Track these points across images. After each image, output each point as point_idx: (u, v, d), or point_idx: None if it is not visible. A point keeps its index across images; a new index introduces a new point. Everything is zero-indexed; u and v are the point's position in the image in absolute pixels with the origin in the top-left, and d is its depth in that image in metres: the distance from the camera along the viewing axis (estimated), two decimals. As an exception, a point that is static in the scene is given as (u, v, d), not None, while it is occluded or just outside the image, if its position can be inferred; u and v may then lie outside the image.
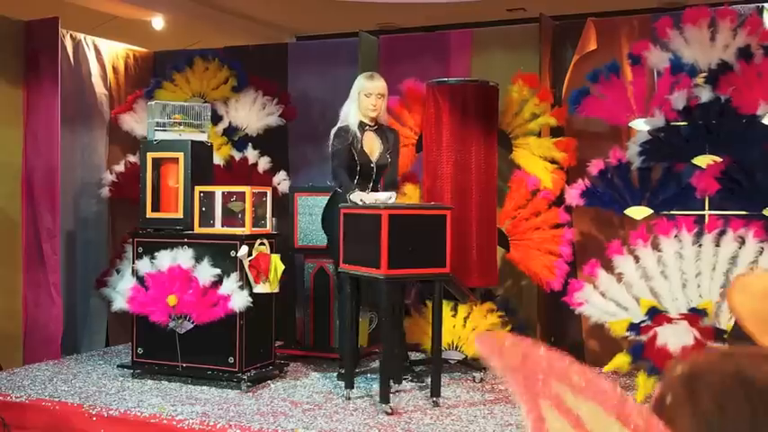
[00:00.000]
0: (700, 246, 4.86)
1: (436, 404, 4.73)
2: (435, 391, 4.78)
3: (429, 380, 4.93)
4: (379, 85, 5.20)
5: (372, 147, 5.19)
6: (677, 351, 4.75)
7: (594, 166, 5.24)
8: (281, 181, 6.54)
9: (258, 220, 5.36)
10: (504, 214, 5.71)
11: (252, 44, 7.25)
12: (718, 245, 4.84)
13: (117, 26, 7.11)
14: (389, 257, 4.52)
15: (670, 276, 4.89)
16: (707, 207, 4.99)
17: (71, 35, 6.67)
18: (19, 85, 6.36)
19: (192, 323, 5.21)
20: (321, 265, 5.98)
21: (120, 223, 6.85)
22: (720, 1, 5.13)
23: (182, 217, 5.43)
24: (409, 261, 4.63)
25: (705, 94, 4.92)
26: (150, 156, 5.50)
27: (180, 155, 5.43)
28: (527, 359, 1.18)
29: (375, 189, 5.14)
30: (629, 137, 5.39)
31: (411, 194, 5.82)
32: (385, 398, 4.64)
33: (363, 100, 5.17)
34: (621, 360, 4.91)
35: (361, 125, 5.18)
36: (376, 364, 5.50)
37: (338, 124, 5.21)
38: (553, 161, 5.66)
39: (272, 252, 5.32)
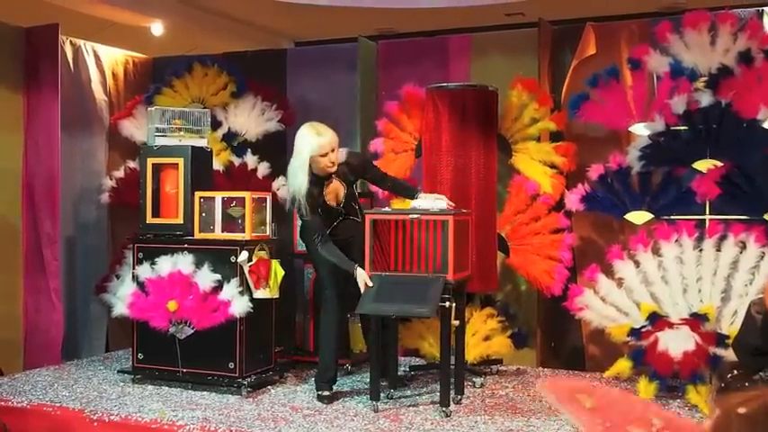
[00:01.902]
0: (700, 250, 4.84)
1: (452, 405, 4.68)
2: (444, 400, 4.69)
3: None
4: (329, 138, 4.74)
5: (337, 193, 4.95)
6: (678, 356, 4.72)
7: (594, 171, 5.21)
8: (281, 186, 6.49)
9: (258, 225, 5.33)
10: (503, 219, 5.68)
11: (250, 50, 7.22)
12: (719, 249, 4.81)
13: (116, 32, 7.08)
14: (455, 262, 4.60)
15: (671, 281, 4.86)
16: (707, 212, 4.96)
17: (71, 41, 6.64)
18: (19, 92, 6.34)
19: (193, 328, 5.18)
20: (321, 270, 5.93)
21: (120, 229, 6.82)
22: (721, 5, 5.09)
23: (182, 222, 5.41)
24: (460, 265, 4.78)
25: (705, 99, 4.89)
26: (150, 161, 5.49)
27: (180, 160, 5.41)
28: (603, 405, 1.15)
29: (349, 213, 5.01)
30: (629, 141, 5.35)
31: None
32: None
33: (319, 161, 4.73)
34: (622, 365, 4.88)
35: (318, 182, 4.82)
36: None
37: (288, 190, 4.92)
38: (553, 166, 5.63)
39: (271, 257, 5.29)
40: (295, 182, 4.81)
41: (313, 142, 4.74)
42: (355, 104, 6.42)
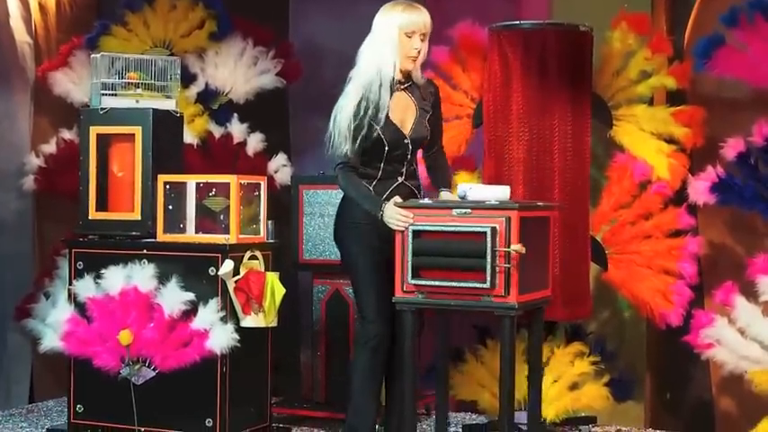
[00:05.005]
0: None
1: None
2: None
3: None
4: (423, 18, 4.88)
5: (405, 113, 4.93)
6: None
7: (731, 148, 5.24)
8: (280, 167, 6.56)
9: (248, 223, 5.36)
10: (599, 216, 5.70)
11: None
12: None
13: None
14: (520, 278, 4.43)
15: (842, 307, 4.85)
16: None
17: (-19, -41, 6.69)
18: None
19: (154, 370, 5.19)
20: (337, 287, 5.97)
21: (51, 227, 6.87)
22: None
23: (139, 219, 5.44)
24: (531, 282, 4.57)
25: None
26: (94, 131, 5.52)
27: (136, 129, 5.44)
28: None
29: (410, 175, 4.99)
30: (784, 106, 5.35)
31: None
32: None
33: (404, 42, 4.87)
34: (770, 427, 4.88)
35: (391, 82, 4.91)
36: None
37: (352, 83, 4.90)
38: (671, 140, 5.63)
39: (267, 269, 5.32)
40: (369, 66, 4.87)
41: (400, 14, 4.86)
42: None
